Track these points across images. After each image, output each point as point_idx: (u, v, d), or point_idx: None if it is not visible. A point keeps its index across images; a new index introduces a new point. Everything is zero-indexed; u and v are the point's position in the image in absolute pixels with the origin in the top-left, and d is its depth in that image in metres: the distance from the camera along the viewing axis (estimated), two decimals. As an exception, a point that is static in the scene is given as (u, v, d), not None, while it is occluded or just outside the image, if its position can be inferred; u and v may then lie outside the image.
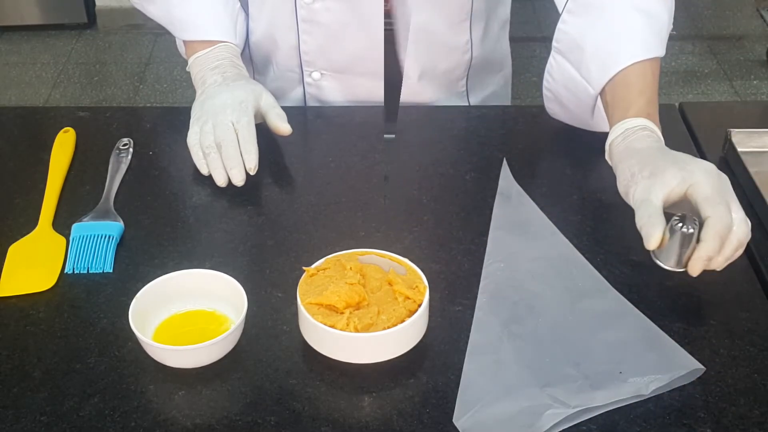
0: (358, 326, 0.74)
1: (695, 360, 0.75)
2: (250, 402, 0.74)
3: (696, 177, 0.81)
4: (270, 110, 1.01)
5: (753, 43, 3.27)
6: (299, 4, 1.09)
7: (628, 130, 0.89)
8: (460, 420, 0.71)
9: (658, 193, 0.81)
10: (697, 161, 0.84)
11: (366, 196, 0.96)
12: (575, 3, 0.99)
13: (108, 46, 3.28)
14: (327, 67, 1.15)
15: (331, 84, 1.16)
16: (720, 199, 0.79)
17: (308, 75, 1.16)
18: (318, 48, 1.13)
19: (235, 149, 0.96)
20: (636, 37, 0.95)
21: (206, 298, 0.81)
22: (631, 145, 0.88)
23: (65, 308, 0.83)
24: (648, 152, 0.86)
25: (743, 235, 0.79)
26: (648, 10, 0.96)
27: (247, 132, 0.97)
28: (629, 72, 0.93)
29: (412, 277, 0.79)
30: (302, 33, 1.11)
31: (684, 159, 0.84)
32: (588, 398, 0.72)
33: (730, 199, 0.80)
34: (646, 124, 0.89)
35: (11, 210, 0.96)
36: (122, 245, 0.91)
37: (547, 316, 0.80)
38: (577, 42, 0.98)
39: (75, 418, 0.72)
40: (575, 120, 1.06)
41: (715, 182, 0.81)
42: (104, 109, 1.24)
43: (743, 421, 0.72)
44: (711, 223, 0.78)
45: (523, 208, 0.94)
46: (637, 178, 0.84)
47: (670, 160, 0.84)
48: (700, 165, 0.83)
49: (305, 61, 1.14)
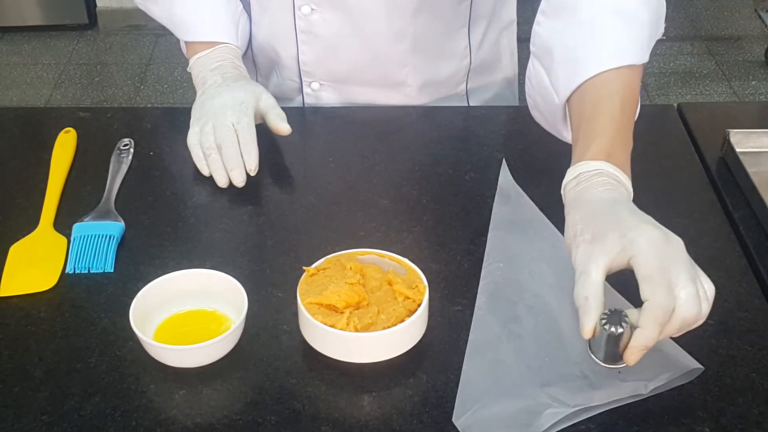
0: (358, 326, 0.74)
1: (694, 360, 0.75)
2: (250, 401, 0.74)
3: (637, 248, 0.69)
4: (270, 110, 1.01)
5: (751, 43, 3.28)
6: (297, 15, 1.09)
7: (581, 174, 0.79)
8: (460, 419, 0.71)
9: (599, 263, 0.70)
10: (643, 225, 0.71)
11: (366, 196, 0.96)
12: (548, 3, 0.92)
13: (109, 47, 3.28)
14: (326, 78, 1.15)
15: (330, 94, 1.16)
16: (661, 277, 0.68)
17: (307, 85, 1.16)
18: (317, 59, 1.12)
19: (236, 150, 0.96)
20: (609, 42, 0.86)
21: (206, 298, 0.81)
22: (582, 194, 0.78)
23: (66, 308, 0.84)
24: (596, 207, 0.75)
25: (690, 317, 0.69)
26: (627, 11, 0.87)
27: (247, 133, 0.97)
28: (600, 82, 0.84)
29: (411, 277, 0.79)
30: (301, 44, 1.11)
31: (629, 222, 0.72)
32: (587, 398, 0.72)
33: (678, 273, 0.69)
34: (603, 169, 0.79)
35: (12, 210, 0.96)
36: (123, 245, 0.91)
37: (547, 315, 0.80)
38: (547, 46, 0.91)
39: (76, 417, 0.73)
40: (553, 129, 0.97)
41: (660, 254, 0.69)
42: (105, 109, 1.25)
43: (742, 421, 0.72)
44: (648, 307, 0.68)
45: (523, 208, 0.94)
46: (578, 240, 0.73)
47: (614, 221, 0.72)
48: (644, 232, 0.70)
49: (304, 72, 1.14)
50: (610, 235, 0.71)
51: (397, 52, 1.11)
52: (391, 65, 1.12)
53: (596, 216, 0.74)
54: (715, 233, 0.92)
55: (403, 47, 1.10)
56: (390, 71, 1.12)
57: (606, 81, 0.85)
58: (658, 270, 0.69)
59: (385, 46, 1.10)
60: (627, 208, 0.75)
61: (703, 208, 0.96)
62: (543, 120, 0.98)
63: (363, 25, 1.08)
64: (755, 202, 0.94)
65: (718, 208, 0.96)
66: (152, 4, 1.12)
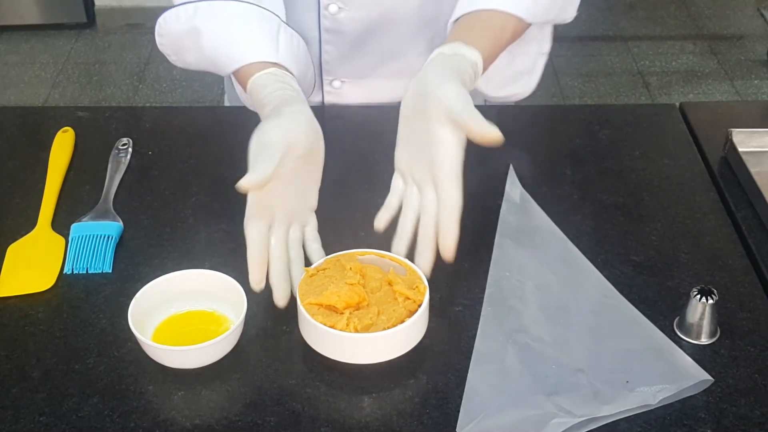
0: (357, 327, 0.74)
1: (704, 371, 0.75)
2: (249, 402, 0.74)
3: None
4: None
5: (754, 42, 3.27)
6: (323, 14, 1.06)
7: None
8: (465, 429, 0.70)
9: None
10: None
11: (366, 196, 0.96)
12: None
13: (107, 46, 3.28)
14: (348, 75, 1.13)
15: (352, 90, 1.14)
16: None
17: (328, 83, 1.14)
18: (340, 57, 1.11)
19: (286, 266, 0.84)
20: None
21: (206, 298, 0.80)
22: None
23: (64, 308, 0.83)
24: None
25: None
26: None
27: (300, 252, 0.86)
28: (486, 14, 0.93)
29: (412, 278, 0.79)
30: (324, 43, 1.09)
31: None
32: (594, 408, 0.71)
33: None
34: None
35: (10, 210, 0.96)
36: (121, 245, 0.90)
37: (553, 324, 0.80)
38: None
39: (74, 418, 0.72)
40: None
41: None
42: (103, 108, 1.24)
43: (744, 422, 0.72)
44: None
45: (530, 215, 0.93)
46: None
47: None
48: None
49: (326, 71, 1.12)
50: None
51: (423, 41, 1.09)
52: (413, 54, 1.10)
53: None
54: (717, 233, 0.92)
55: (429, 35, 1.09)
56: (413, 60, 1.11)
57: (489, 14, 0.94)
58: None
59: (411, 39, 1.09)
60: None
61: (705, 208, 0.95)
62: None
63: (394, 17, 1.06)
64: (757, 202, 0.94)
65: (721, 208, 0.95)
66: (184, 55, 1.02)
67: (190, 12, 0.98)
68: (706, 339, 0.79)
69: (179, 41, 1.01)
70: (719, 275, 0.86)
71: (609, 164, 1.02)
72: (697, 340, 0.79)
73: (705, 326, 0.78)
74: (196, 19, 0.97)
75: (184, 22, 0.99)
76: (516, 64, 1.14)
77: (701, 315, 0.77)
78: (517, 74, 1.15)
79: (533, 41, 1.14)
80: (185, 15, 0.98)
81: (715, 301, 0.77)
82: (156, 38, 1.03)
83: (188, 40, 0.99)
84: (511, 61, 1.13)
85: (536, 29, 1.13)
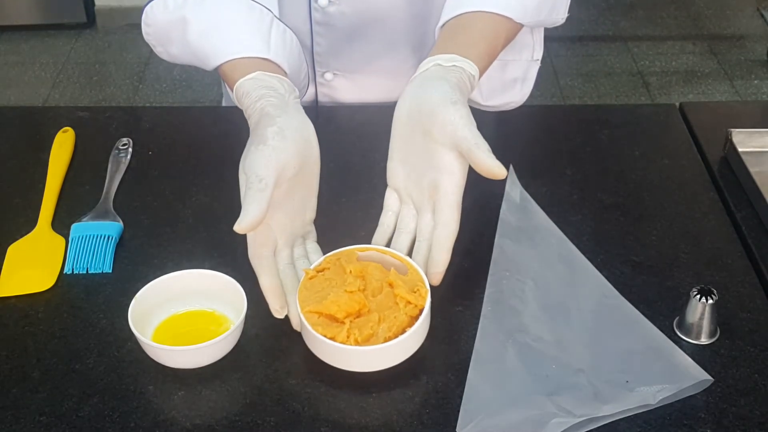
0: (358, 338, 0.73)
1: (703, 371, 0.75)
2: (249, 402, 0.74)
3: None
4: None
5: (754, 42, 3.27)
6: (314, 7, 1.06)
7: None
8: (465, 429, 0.70)
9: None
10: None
11: (366, 196, 0.96)
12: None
13: (107, 46, 3.28)
14: (340, 68, 1.13)
15: (344, 84, 1.14)
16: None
17: (320, 75, 1.14)
18: (331, 49, 1.11)
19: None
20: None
21: (206, 298, 0.80)
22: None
23: (64, 309, 0.83)
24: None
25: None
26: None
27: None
28: (474, 17, 0.91)
29: (413, 278, 0.79)
30: (316, 35, 1.09)
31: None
32: (594, 408, 0.71)
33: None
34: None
35: (10, 210, 0.96)
36: (121, 245, 0.90)
37: (553, 324, 0.80)
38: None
39: (74, 418, 0.72)
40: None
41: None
42: (103, 108, 1.24)
43: (744, 422, 0.72)
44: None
45: (530, 215, 0.93)
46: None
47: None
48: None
49: (318, 62, 1.12)
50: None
51: (414, 38, 1.09)
52: (406, 51, 1.10)
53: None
54: (717, 233, 0.92)
55: (420, 32, 1.09)
56: (405, 58, 1.11)
57: (479, 17, 0.91)
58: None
59: (402, 35, 1.09)
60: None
61: (705, 208, 0.95)
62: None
63: (383, 15, 1.06)
64: (757, 202, 0.94)
65: (720, 208, 0.95)
66: (170, 46, 1.00)
67: (179, 1, 0.96)
68: (706, 339, 0.79)
69: (166, 32, 0.99)
70: (719, 275, 0.86)
71: (609, 164, 1.02)
72: (696, 340, 0.79)
73: (705, 326, 0.78)
74: (185, 9, 0.95)
75: (172, 11, 0.96)
76: (508, 72, 1.14)
77: (701, 315, 0.78)
78: (509, 82, 1.15)
79: (525, 48, 1.14)
80: (174, 4, 0.96)
81: (715, 301, 0.77)
82: (142, 27, 1.00)
83: (175, 31, 0.97)
84: (504, 69, 1.13)
85: (528, 35, 1.13)
